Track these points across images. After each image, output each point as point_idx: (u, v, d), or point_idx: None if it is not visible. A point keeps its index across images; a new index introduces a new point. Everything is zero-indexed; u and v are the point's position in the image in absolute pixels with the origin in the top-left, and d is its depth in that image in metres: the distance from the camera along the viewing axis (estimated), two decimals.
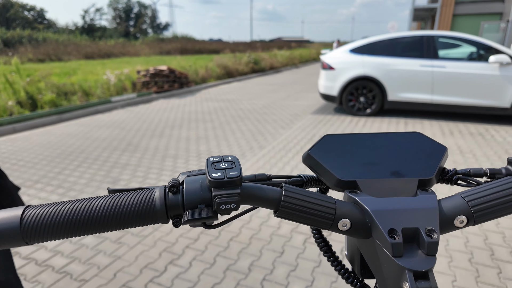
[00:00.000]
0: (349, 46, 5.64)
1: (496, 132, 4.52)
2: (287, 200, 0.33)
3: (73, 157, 3.88)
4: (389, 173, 0.38)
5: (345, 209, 0.34)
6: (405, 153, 0.40)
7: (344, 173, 0.38)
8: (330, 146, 0.41)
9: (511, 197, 0.33)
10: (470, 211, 0.33)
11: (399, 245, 0.30)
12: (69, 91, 7.17)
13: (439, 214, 0.33)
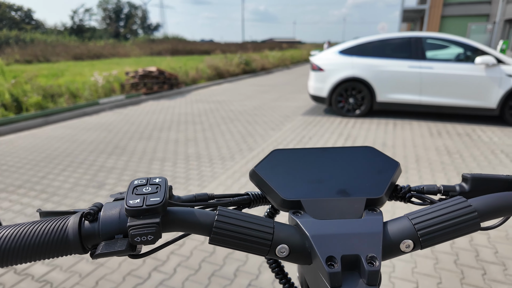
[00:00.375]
0: (338, 47, 5.66)
1: (483, 132, 4.58)
2: (220, 226, 0.30)
3: (58, 161, 3.80)
4: (336, 191, 0.36)
5: (283, 234, 0.31)
6: (354, 169, 0.39)
7: (288, 192, 0.36)
8: (278, 162, 0.39)
9: (460, 219, 0.31)
10: (416, 235, 0.31)
11: (337, 274, 0.28)
12: (56, 93, 7.04)
13: (384, 239, 0.31)
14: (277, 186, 0.36)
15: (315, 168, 0.39)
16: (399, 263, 1.93)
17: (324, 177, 0.38)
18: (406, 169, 3.30)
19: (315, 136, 4.52)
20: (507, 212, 0.33)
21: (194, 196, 0.39)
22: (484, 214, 0.32)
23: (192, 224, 0.31)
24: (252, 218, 0.32)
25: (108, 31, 55.38)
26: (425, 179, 3.06)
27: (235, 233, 0.31)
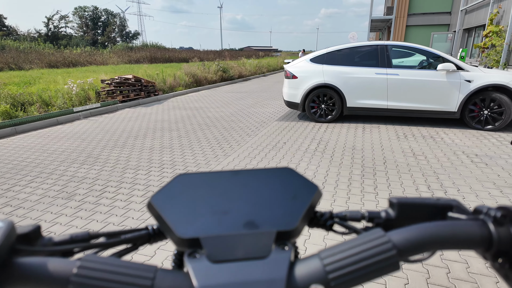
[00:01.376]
0: (310, 55, 5.83)
1: (445, 134, 4.80)
2: (80, 280, 0.25)
3: (25, 171, 3.70)
4: (243, 224, 0.31)
5: (166, 284, 0.26)
6: (267, 196, 0.34)
7: (185, 228, 0.30)
8: (181, 190, 0.35)
9: (376, 259, 0.27)
10: (327, 279, 0.26)
11: None
12: (27, 102, 6.84)
13: (290, 284, 0.26)
14: (174, 220, 0.31)
15: (223, 196, 0.34)
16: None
17: (231, 206, 0.33)
18: (375, 172, 3.42)
19: (289, 141, 4.60)
20: (431, 246, 0.29)
21: (70, 236, 0.32)
22: (405, 250, 0.28)
23: (44, 279, 0.25)
24: (128, 266, 0.26)
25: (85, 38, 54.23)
26: (392, 181, 3.17)
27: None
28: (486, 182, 3.10)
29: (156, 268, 0.27)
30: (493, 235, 0.29)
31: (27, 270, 0.25)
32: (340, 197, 2.87)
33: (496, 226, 0.29)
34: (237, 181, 0.36)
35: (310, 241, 2.23)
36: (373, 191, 2.97)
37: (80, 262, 0.26)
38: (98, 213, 2.71)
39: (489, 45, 8.71)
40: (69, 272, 0.25)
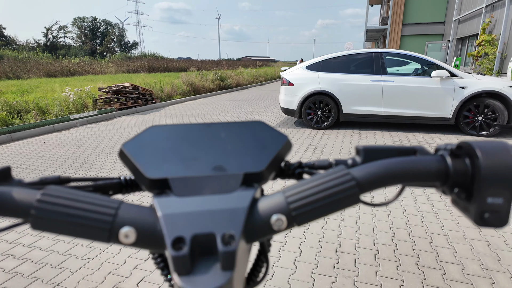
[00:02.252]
0: (306, 63, 5.86)
1: (440, 140, 4.82)
2: (43, 206, 0.25)
3: (20, 177, 3.63)
4: (211, 168, 0.32)
5: (130, 215, 0.26)
6: (237, 145, 0.34)
7: (154, 170, 0.31)
8: (152, 140, 0.35)
9: (337, 190, 0.27)
10: (288, 210, 0.27)
11: (183, 259, 0.24)
12: (23, 109, 6.81)
13: (252, 215, 0.27)
14: (144, 164, 0.31)
15: (193, 145, 0.34)
16: (363, 267, 1.95)
17: (201, 153, 0.33)
18: None
19: None
20: (390, 180, 0.29)
21: (40, 179, 0.33)
22: (364, 183, 0.28)
23: (7, 204, 0.26)
24: (92, 197, 0.26)
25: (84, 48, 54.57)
26: None
27: (64, 215, 0.25)
28: None
29: (121, 201, 0.27)
30: (449, 167, 0.29)
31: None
32: None
33: (453, 158, 0.30)
34: (208, 132, 0.36)
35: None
36: (368, 194, 2.94)
37: (44, 190, 0.26)
38: None
39: (482, 54, 8.82)
40: (33, 199, 0.26)
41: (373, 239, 2.25)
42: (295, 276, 1.89)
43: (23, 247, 2.26)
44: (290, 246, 2.18)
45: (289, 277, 1.88)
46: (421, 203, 2.77)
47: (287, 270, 1.94)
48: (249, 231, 0.27)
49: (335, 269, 1.94)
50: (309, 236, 2.31)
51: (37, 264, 2.07)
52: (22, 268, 2.03)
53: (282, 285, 1.81)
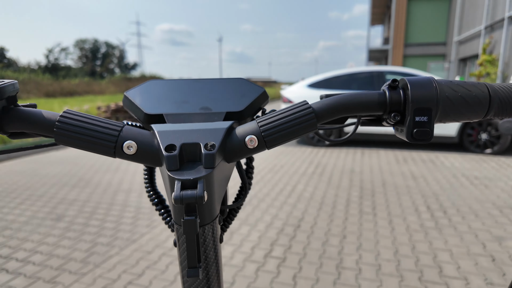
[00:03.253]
0: (307, 81, 5.92)
1: (445, 158, 4.79)
2: (63, 126, 0.31)
3: (15, 194, 3.59)
4: (199, 108, 0.38)
5: (132, 133, 0.32)
6: (221, 92, 0.40)
7: (151, 108, 0.37)
8: (150, 89, 0.40)
9: (299, 119, 0.33)
10: (260, 133, 0.33)
11: (174, 157, 0.30)
12: None
13: (230, 135, 0.33)
14: (143, 104, 0.37)
15: (184, 93, 0.40)
16: (364, 283, 1.89)
17: (191, 98, 0.39)
18: (373, 193, 3.36)
19: (287, 165, 4.56)
20: (342, 111, 0.36)
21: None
22: (321, 113, 0.35)
23: (35, 122, 0.32)
24: (101, 119, 0.32)
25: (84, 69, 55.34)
26: (391, 202, 3.11)
27: (79, 132, 0.31)
28: (486, 202, 3.05)
29: (124, 123, 0.34)
30: (387, 98, 0.36)
31: (25, 115, 0.33)
32: (338, 217, 2.78)
33: (391, 91, 0.36)
34: (198, 84, 0.42)
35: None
36: (371, 211, 2.90)
37: (63, 112, 0.32)
38: (86, 234, 2.59)
39: (484, 74, 8.97)
40: (56, 118, 0.32)
41: (375, 255, 2.19)
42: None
43: (17, 262, 2.19)
44: (289, 262, 2.12)
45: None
46: (425, 220, 2.72)
47: (287, 285, 1.87)
48: (228, 149, 0.33)
49: (335, 285, 1.87)
50: (309, 252, 2.25)
51: (30, 278, 1.99)
52: (15, 282, 1.95)
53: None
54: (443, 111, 0.35)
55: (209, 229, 0.33)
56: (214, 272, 0.35)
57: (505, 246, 2.28)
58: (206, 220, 0.32)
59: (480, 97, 0.35)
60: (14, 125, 0.33)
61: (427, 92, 0.34)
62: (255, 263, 2.12)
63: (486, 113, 0.36)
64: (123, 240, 2.48)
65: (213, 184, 0.30)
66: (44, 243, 2.46)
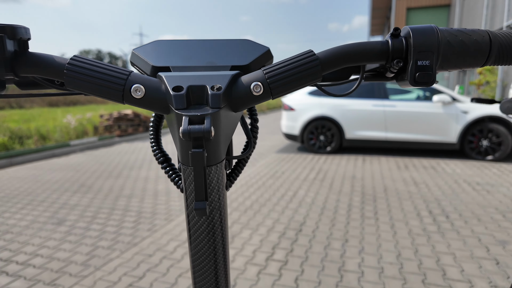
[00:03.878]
0: (307, 89, 5.96)
1: (446, 165, 4.78)
2: (72, 68, 0.32)
3: (16, 200, 3.59)
4: (205, 62, 0.38)
5: (140, 77, 0.33)
6: (227, 50, 0.40)
7: (159, 61, 0.37)
8: (158, 47, 0.40)
9: (304, 67, 0.34)
10: (265, 80, 0.33)
11: (181, 96, 0.31)
12: (24, 135, 6.84)
13: (236, 82, 0.34)
14: (150, 58, 0.38)
15: (190, 50, 0.40)
16: (367, 285, 1.87)
17: (197, 54, 0.39)
18: (375, 198, 3.34)
19: (288, 171, 4.55)
20: (346, 59, 0.36)
21: None
22: (325, 61, 0.35)
23: (47, 66, 0.33)
24: (109, 65, 0.33)
25: None
26: (393, 207, 3.09)
27: (89, 75, 0.32)
28: (488, 207, 3.03)
29: (132, 71, 0.34)
30: (390, 45, 0.36)
31: (37, 58, 0.33)
32: (339, 221, 2.77)
33: (393, 39, 0.36)
34: (204, 44, 0.42)
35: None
36: (373, 216, 2.88)
37: (73, 56, 0.33)
38: (87, 237, 2.58)
39: (484, 82, 9.01)
40: (65, 62, 0.33)
41: (378, 258, 2.17)
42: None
43: (17, 265, 2.18)
44: (291, 265, 2.10)
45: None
46: (427, 224, 2.70)
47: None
48: (234, 96, 0.33)
49: (338, 287, 1.85)
50: (311, 255, 2.23)
51: (30, 281, 1.98)
52: (15, 284, 1.94)
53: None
54: (444, 56, 0.35)
55: (215, 170, 0.33)
56: (218, 219, 0.36)
57: (509, 250, 2.26)
58: (212, 161, 0.33)
59: (481, 41, 0.35)
60: (26, 69, 0.33)
61: (429, 37, 0.35)
62: (256, 266, 2.10)
63: (486, 59, 0.36)
64: (124, 243, 2.47)
65: (219, 123, 0.31)
66: (44, 246, 2.45)
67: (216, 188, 0.34)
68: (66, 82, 0.32)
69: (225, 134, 0.33)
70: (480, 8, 11.54)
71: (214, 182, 0.34)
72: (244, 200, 3.39)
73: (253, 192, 3.65)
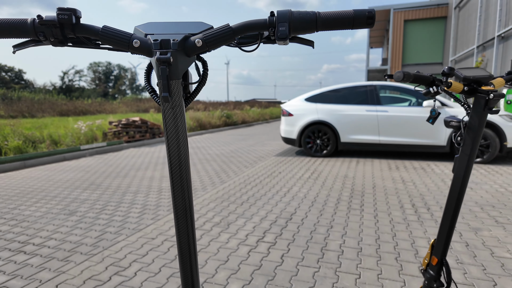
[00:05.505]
0: (304, 95, 6.25)
1: (436, 166, 4.97)
2: (103, 32, 0.52)
3: (31, 195, 3.88)
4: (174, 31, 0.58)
5: (137, 36, 0.54)
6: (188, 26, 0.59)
7: (147, 30, 0.57)
8: (149, 25, 0.60)
9: (224, 32, 0.52)
10: (203, 38, 0.53)
11: (157, 43, 0.51)
12: (37, 140, 7.21)
13: (188, 39, 0.54)
14: (143, 29, 0.58)
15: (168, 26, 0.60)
16: (345, 261, 2.09)
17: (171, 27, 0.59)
18: (363, 194, 3.56)
19: (284, 171, 4.79)
20: (248, 29, 0.53)
21: None
22: (236, 30, 0.53)
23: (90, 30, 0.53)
24: (122, 31, 0.53)
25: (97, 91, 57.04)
26: (379, 201, 3.30)
27: (111, 36, 0.52)
28: (469, 201, 3.23)
29: (133, 33, 0.54)
30: (267, 21, 0.54)
31: (85, 26, 0.52)
32: (327, 212, 2.99)
33: (270, 17, 0.54)
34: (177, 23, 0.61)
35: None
36: (359, 208, 3.10)
37: (103, 26, 0.53)
38: (96, 225, 2.84)
39: None
40: (99, 28, 0.53)
41: (358, 240, 2.39)
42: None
43: (33, 246, 2.44)
44: (279, 245, 2.33)
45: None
46: (409, 214, 2.91)
47: (275, 263, 2.08)
48: (186, 46, 0.53)
49: (319, 263, 2.08)
50: (298, 238, 2.45)
51: (45, 258, 2.24)
52: (32, 261, 2.20)
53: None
54: (293, 25, 0.53)
55: (176, 84, 0.53)
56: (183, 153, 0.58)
57: (480, 235, 2.46)
58: (172, 77, 0.52)
59: (311, 17, 0.53)
60: (79, 31, 0.53)
61: (285, 14, 0.53)
62: (248, 246, 2.34)
63: (315, 27, 0.54)
64: (130, 229, 2.73)
65: (176, 58, 0.52)
66: (57, 231, 2.72)
67: (177, 94, 0.54)
68: (100, 39, 0.53)
69: (181, 66, 0.53)
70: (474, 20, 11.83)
71: (175, 91, 0.54)
72: (241, 195, 3.63)
73: (250, 188, 3.89)
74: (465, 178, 1.04)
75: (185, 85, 0.60)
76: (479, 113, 0.98)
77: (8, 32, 0.52)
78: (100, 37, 0.53)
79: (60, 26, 0.51)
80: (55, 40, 0.53)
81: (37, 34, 0.52)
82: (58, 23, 0.51)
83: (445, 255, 1.15)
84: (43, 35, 0.52)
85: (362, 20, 0.52)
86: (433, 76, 1.00)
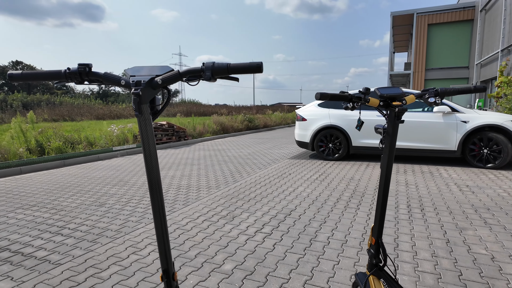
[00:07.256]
0: (317, 101, 6.50)
1: (445, 171, 5.04)
2: (105, 76, 0.93)
3: (69, 189, 4.44)
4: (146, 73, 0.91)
5: (123, 78, 0.90)
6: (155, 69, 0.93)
7: (131, 72, 0.93)
8: (131, 69, 0.99)
9: (176, 74, 0.82)
10: (161, 79, 0.83)
11: (134, 83, 0.84)
12: (75, 141, 7.96)
13: (153, 79, 0.81)
14: (128, 71, 0.97)
15: (141, 69, 0.87)
16: (329, 250, 2.36)
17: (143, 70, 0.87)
18: (363, 194, 3.77)
19: (294, 173, 5.07)
20: (195, 72, 0.88)
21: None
22: (183, 73, 0.83)
23: (104, 77, 0.94)
24: (116, 75, 0.92)
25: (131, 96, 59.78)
26: (376, 201, 3.51)
27: (113, 80, 0.93)
28: (465, 204, 3.35)
29: (123, 76, 0.88)
30: (201, 68, 0.87)
31: (95, 73, 0.87)
32: (324, 210, 3.26)
33: (204, 65, 0.87)
34: (149, 67, 0.92)
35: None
36: (355, 206, 3.33)
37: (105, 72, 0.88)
38: (121, 215, 3.29)
39: (502, 95, 8.99)
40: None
41: (345, 234, 2.64)
42: None
43: (69, 230, 2.91)
44: (274, 236, 2.64)
45: None
46: (401, 214, 3.11)
47: (267, 249, 2.40)
48: (152, 84, 0.80)
49: (305, 250, 2.36)
50: (292, 230, 2.75)
51: (78, 239, 2.70)
52: (68, 241, 2.66)
53: None
54: (214, 71, 0.77)
55: (145, 106, 0.81)
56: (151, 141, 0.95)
57: (464, 234, 2.63)
58: (142, 102, 0.78)
59: (223, 66, 0.78)
60: (90, 78, 0.84)
61: (208, 65, 0.78)
62: (247, 236, 2.67)
63: (227, 72, 0.79)
64: (149, 219, 3.14)
65: (145, 92, 0.77)
66: (89, 219, 3.19)
67: (146, 112, 0.87)
68: (103, 80, 0.91)
69: (148, 95, 0.79)
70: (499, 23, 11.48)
71: (144, 110, 0.87)
72: (250, 193, 3.96)
73: (259, 187, 4.21)
74: (388, 172, 1.32)
75: (151, 106, 0.94)
76: (392, 122, 1.25)
77: (51, 78, 0.90)
78: (102, 79, 0.88)
79: (79, 74, 0.87)
80: (77, 82, 0.89)
81: (67, 78, 0.88)
82: (78, 72, 0.87)
83: (380, 236, 1.42)
84: (70, 79, 0.88)
85: (254, 67, 0.82)
86: (351, 94, 1.29)
